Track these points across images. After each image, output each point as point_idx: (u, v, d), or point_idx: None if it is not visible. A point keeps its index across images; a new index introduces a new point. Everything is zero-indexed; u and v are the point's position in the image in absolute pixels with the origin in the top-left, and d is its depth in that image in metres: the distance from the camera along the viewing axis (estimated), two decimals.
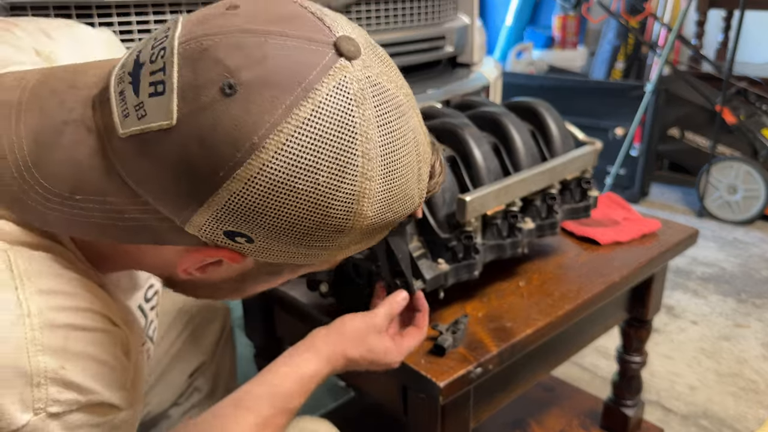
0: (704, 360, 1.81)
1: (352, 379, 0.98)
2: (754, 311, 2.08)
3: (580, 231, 1.14)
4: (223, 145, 0.43)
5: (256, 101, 0.42)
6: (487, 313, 0.89)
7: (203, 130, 0.43)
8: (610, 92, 3.10)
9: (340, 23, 0.49)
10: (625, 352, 1.28)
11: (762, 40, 3.78)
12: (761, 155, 2.79)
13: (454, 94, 1.57)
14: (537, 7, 4.46)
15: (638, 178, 3.06)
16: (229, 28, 0.44)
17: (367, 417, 1.38)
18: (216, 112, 0.42)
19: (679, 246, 1.15)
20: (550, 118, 1.03)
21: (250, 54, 0.43)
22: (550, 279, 0.99)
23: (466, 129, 0.91)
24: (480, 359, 0.78)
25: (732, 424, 1.54)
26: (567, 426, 1.35)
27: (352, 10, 1.40)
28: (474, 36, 1.80)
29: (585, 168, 1.02)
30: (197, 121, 0.43)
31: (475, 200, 0.82)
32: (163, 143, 0.43)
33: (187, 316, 1.03)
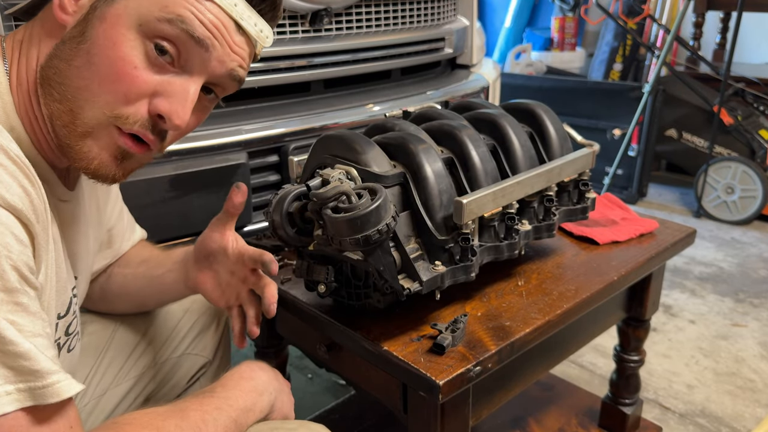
0: (702, 359, 1.82)
1: (352, 377, 0.99)
2: (752, 310, 2.09)
3: (578, 231, 1.15)
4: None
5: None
6: (486, 312, 0.90)
7: None
8: (608, 93, 3.11)
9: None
10: (623, 351, 1.29)
11: (759, 41, 3.79)
12: (758, 155, 2.80)
13: (453, 95, 1.58)
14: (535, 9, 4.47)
15: (636, 178, 3.07)
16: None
17: (367, 415, 1.39)
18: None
19: (677, 246, 1.15)
20: (548, 120, 1.04)
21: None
22: (548, 278, 1.00)
23: (464, 131, 0.92)
24: (479, 358, 0.79)
25: (729, 423, 1.55)
26: (565, 424, 1.36)
27: (352, 12, 1.41)
28: (473, 37, 1.81)
29: (583, 170, 1.03)
30: None
31: (472, 202, 0.82)
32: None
33: (194, 318, 1.05)
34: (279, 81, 1.33)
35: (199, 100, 0.68)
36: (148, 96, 0.63)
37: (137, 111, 0.62)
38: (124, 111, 0.62)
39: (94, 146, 0.63)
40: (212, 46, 0.64)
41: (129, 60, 0.61)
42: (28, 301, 0.52)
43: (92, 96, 0.61)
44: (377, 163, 0.84)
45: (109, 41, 0.60)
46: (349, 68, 1.44)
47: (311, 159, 0.92)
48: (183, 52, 0.63)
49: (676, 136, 3.08)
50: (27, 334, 0.51)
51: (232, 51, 0.66)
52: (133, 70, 0.61)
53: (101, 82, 0.61)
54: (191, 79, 0.64)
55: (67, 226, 0.73)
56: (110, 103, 0.61)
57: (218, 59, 0.65)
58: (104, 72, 0.60)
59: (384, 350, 0.81)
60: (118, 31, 0.60)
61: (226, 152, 1.19)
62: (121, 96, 0.61)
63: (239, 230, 1.26)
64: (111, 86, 0.61)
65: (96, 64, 0.60)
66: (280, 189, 0.86)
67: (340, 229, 0.77)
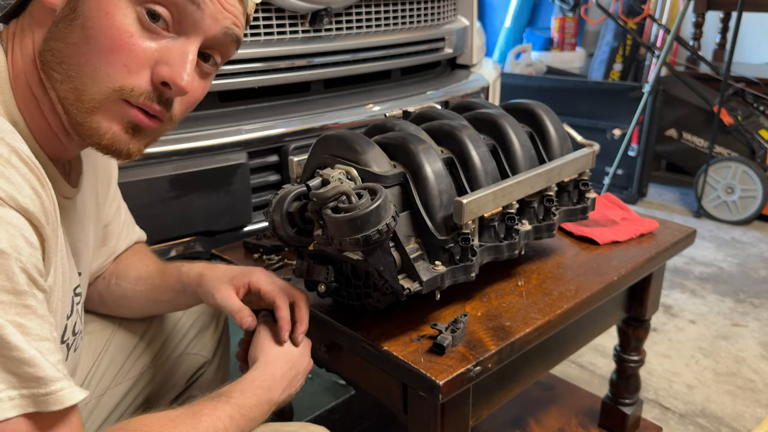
0: (702, 359, 1.82)
1: (352, 377, 0.99)
2: (752, 310, 2.09)
3: (578, 231, 1.15)
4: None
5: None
6: (486, 312, 0.90)
7: None
8: (608, 93, 3.11)
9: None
10: (623, 351, 1.29)
11: (759, 41, 3.79)
12: (758, 155, 2.80)
13: (453, 95, 1.58)
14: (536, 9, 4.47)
15: (636, 178, 3.07)
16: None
17: (367, 415, 1.39)
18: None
19: (677, 246, 1.15)
20: (548, 120, 1.04)
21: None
22: (548, 278, 1.00)
23: (464, 131, 0.92)
24: (479, 358, 0.79)
25: (729, 423, 1.55)
26: (566, 424, 1.36)
27: (352, 12, 1.41)
28: (473, 37, 1.81)
29: (583, 170, 1.03)
30: None
31: (472, 202, 0.82)
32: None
33: (193, 318, 1.05)
34: (279, 81, 1.33)
35: (200, 67, 0.68)
36: (148, 65, 0.62)
37: (141, 82, 0.62)
38: (128, 83, 0.61)
39: (103, 120, 0.63)
40: (203, 3, 0.63)
41: (124, 29, 0.60)
42: (36, 303, 0.52)
43: (94, 70, 0.61)
44: (377, 163, 0.84)
45: (102, 11, 0.59)
46: (349, 68, 1.44)
47: (311, 159, 0.92)
48: (175, 14, 0.62)
49: (676, 136, 3.08)
50: (34, 338, 0.51)
51: (224, 8, 0.65)
52: (129, 38, 0.60)
53: (100, 55, 0.60)
54: (188, 40, 0.64)
55: (70, 224, 0.73)
56: (112, 75, 0.61)
57: (211, 17, 0.64)
58: (102, 44, 0.60)
59: (384, 350, 0.81)
60: (109, 1, 0.60)
61: (226, 152, 1.20)
62: (122, 67, 0.61)
63: (239, 230, 1.26)
64: (110, 57, 0.60)
65: (92, 36, 0.60)
66: (280, 189, 0.86)
67: (340, 229, 0.77)
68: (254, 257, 1.08)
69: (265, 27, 1.27)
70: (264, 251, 1.09)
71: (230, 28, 0.66)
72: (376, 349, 0.82)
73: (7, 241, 0.50)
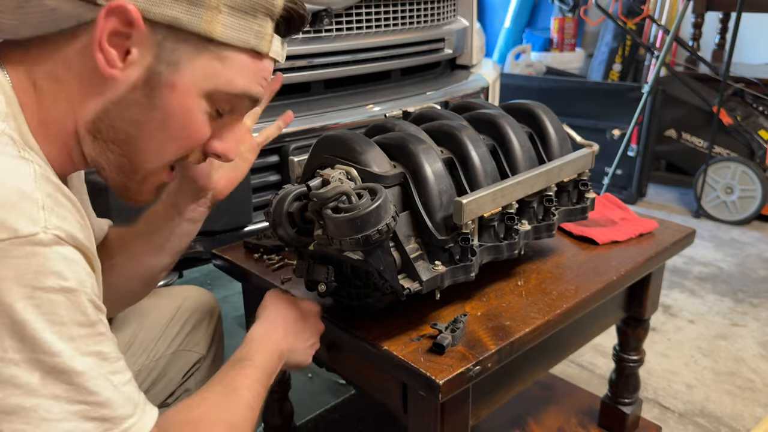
0: (701, 359, 1.82)
1: (352, 376, 0.99)
2: (751, 310, 2.09)
3: (578, 231, 1.16)
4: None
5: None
6: (486, 312, 0.90)
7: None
8: (608, 93, 3.11)
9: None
10: (623, 350, 1.29)
11: (758, 42, 3.80)
12: (758, 156, 2.80)
13: (452, 95, 1.59)
14: (535, 10, 4.48)
15: (635, 178, 3.07)
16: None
17: (367, 414, 1.39)
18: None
19: (676, 245, 1.16)
20: (547, 120, 1.04)
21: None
22: (548, 278, 1.00)
23: (464, 131, 0.92)
24: (479, 357, 0.79)
25: (728, 422, 1.55)
26: (565, 424, 1.36)
27: (352, 13, 1.41)
28: (473, 38, 1.81)
29: (582, 170, 1.03)
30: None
31: (472, 202, 0.83)
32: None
33: (186, 315, 1.05)
34: None
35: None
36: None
37: (195, 153, 0.70)
38: (184, 156, 0.68)
39: (150, 186, 0.70)
40: (260, 95, 0.68)
41: (202, 124, 0.66)
42: (105, 328, 0.57)
43: (163, 153, 0.66)
44: (377, 164, 0.84)
45: (184, 109, 0.64)
46: (350, 69, 1.45)
47: (311, 159, 0.92)
48: (237, 104, 0.68)
49: (675, 137, 3.09)
50: (112, 360, 0.57)
51: (264, 86, 0.69)
52: (203, 129, 0.67)
53: (173, 141, 0.66)
54: (237, 118, 0.70)
55: None
56: (176, 156, 0.68)
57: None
58: (177, 135, 0.65)
59: (384, 350, 0.82)
60: (191, 100, 0.63)
61: None
62: (187, 149, 0.68)
63: (239, 230, 1.26)
64: (182, 143, 0.66)
65: (171, 129, 0.64)
66: (281, 189, 0.86)
67: (340, 229, 0.77)
68: (254, 257, 1.08)
69: None
70: (264, 251, 1.09)
71: (259, 96, 0.69)
72: (376, 349, 0.83)
73: (74, 278, 0.54)
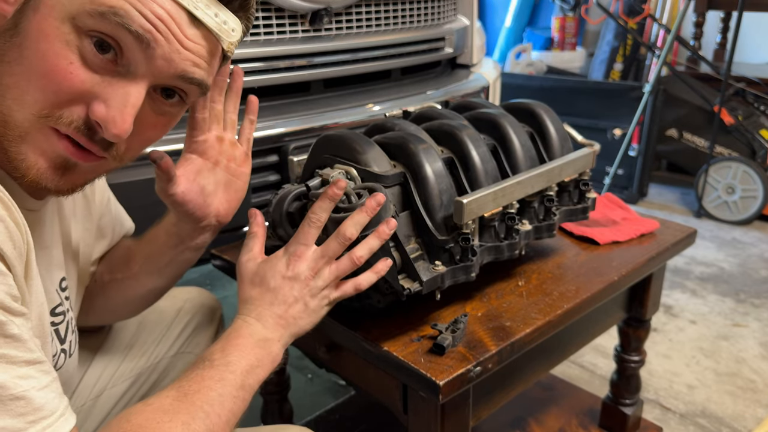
0: (702, 359, 1.82)
1: (352, 377, 0.99)
2: (753, 311, 2.09)
3: (578, 231, 1.15)
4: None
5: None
6: (486, 313, 0.90)
7: None
8: (609, 93, 3.11)
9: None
10: (624, 351, 1.28)
11: (760, 41, 3.79)
12: (759, 155, 2.80)
13: (453, 95, 1.58)
14: (536, 9, 4.47)
15: (636, 178, 3.07)
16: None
17: (367, 415, 1.39)
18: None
19: (678, 246, 1.15)
20: (548, 120, 1.04)
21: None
22: (549, 278, 1.00)
23: (464, 131, 0.92)
24: (479, 358, 0.79)
25: (730, 423, 1.55)
26: (566, 424, 1.36)
27: (352, 12, 1.41)
28: (473, 37, 1.80)
29: (583, 170, 1.03)
30: None
31: (472, 202, 0.82)
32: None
33: (187, 317, 1.05)
34: (279, 81, 1.33)
35: (159, 105, 0.61)
36: (84, 98, 0.56)
37: (72, 112, 0.56)
38: (56, 109, 0.55)
39: (30, 152, 0.56)
40: (155, 41, 0.55)
41: (63, 54, 0.54)
42: (17, 331, 0.51)
43: (21, 94, 0.54)
44: (377, 163, 0.84)
45: (41, 33, 0.53)
46: (349, 68, 1.44)
47: (311, 159, 0.92)
48: (124, 50, 0.55)
49: (676, 136, 3.08)
50: (20, 364, 0.50)
51: (183, 47, 0.57)
52: (68, 65, 0.54)
53: (30, 78, 0.54)
54: (133, 82, 0.57)
55: (39, 236, 0.68)
56: (39, 102, 0.54)
57: (164, 57, 0.57)
58: (34, 66, 0.53)
59: (384, 350, 0.81)
60: (51, 23, 0.53)
61: None
62: (51, 94, 0.54)
63: (238, 230, 1.26)
64: (40, 82, 0.54)
65: (27, 57, 0.54)
66: (280, 189, 0.86)
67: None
68: None
69: (264, 27, 1.27)
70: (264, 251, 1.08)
71: (188, 71, 0.58)
72: (376, 349, 0.82)
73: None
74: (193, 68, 0.59)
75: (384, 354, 0.81)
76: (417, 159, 0.84)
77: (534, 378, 1.03)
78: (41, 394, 0.51)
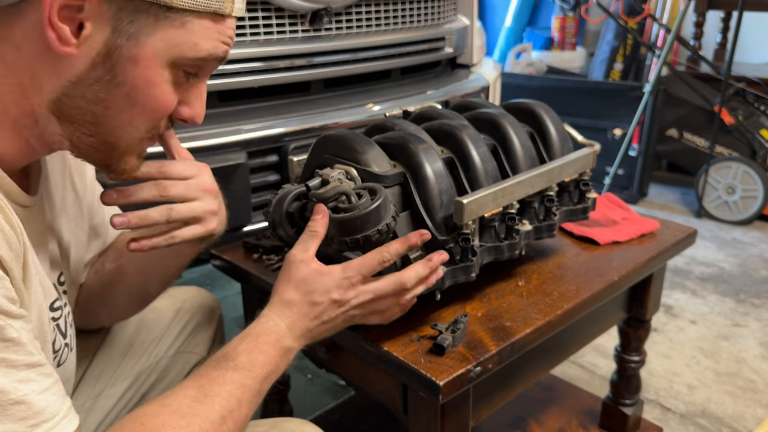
0: (703, 359, 1.82)
1: (352, 377, 0.99)
2: (753, 311, 2.09)
3: (579, 231, 1.15)
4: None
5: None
6: (486, 313, 0.89)
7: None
8: (609, 93, 3.11)
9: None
10: (624, 351, 1.28)
11: (760, 41, 3.79)
12: (759, 155, 2.80)
13: (453, 95, 1.58)
14: (536, 9, 4.47)
15: (637, 178, 3.07)
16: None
17: (367, 415, 1.39)
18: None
19: (678, 246, 1.15)
20: (548, 120, 1.04)
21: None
22: (549, 279, 0.99)
23: (465, 131, 0.92)
24: (479, 358, 0.79)
25: (730, 423, 1.55)
26: (566, 425, 1.36)
27: (352, 11, 1.41)
28: (473, 37, 1.80)
29: (583, 170, 1.03)
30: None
31: (472, 202, 0.82)
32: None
33: (187, 317, 1.05)
34: (279, 81, 1.32)
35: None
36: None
37: (166, 121, 0.67)
38: (157, 126, 0.66)
39: (132, 159, 0.68)
40: (225, 54, 0.66)
41: (169, 94, 0.64)
42: (16, 334, 0.51)
43: (135, 129, 0.64)
44: (377, 163, 0.84)
45: (149, 82, 0.61)
46: (349, 68, 1.44)
47: (311, 159, 0.92)
48: (203, 67, 0.66)
49: (676, 136, 3.08)
50: (20, 368, 0.51)
51: (230, 45, 0.67)
52: (171, 98, 0.64)
53: (143, 115, 0.64)
54: (202, 80, 0.68)
55: (34, 232, 0.69)
56: (149, 128, 0.66)
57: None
58: (148, 108, 0.63)
59: (384, 351, 0.81)
60: (156, 72, 0.61)
61: (225, 152, 1.19)
62: (159, 120, 0.66)
63: (238, 230, 1.26)
64: (152, 115, 0.64)
65: (139, 104, 0.62)
66: (280, 189, 0.86)
67: (340, 229, 0.76)
68: (254, 257, 1.08)
69: (264, 26, 1.27)
70: (264, 251, 1.08)
71: (227, 53, 0.67)
72: (376, 350, 0.82)
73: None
74: (227, 49, 0.67)
75: (384, 354, 0.81)
76: (417, 159, 0.84)
77: (534, 378, 1.03)
78: (41, 398, 0.52)
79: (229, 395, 0.64)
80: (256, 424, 0.75)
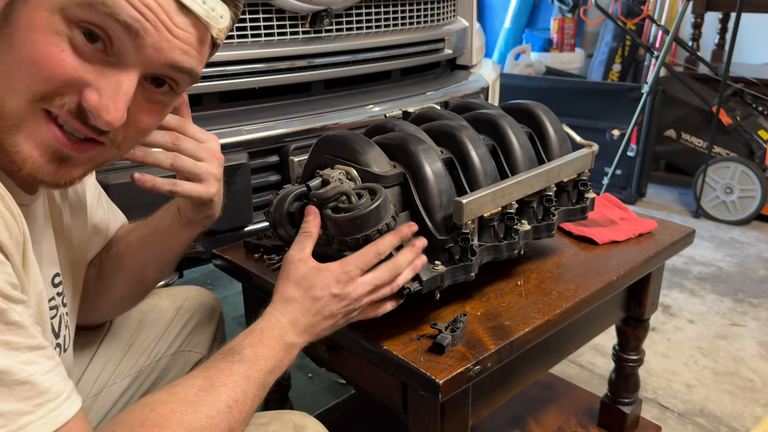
0: (701, 358, 1.83)
1: (352, 376, 0.99)
2: (751, 310, 2.09)
3: (577, 231, 1.16)
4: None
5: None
6: (485, 312, 0.90)
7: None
8: (608, 94, 3.11)
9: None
10: (622, 350, 1.29)
11: (758, 42, 3.80)
12: (757, 156, 2.80)
13: (452, 95, 1.59)
14: (535, 10, 4.48)
15: (635, 178, 3.07)
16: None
17: (367, 414, 1.39)
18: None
19: (676, 245, 1.16)
20: (547, 120, 1.05)
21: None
22: (548, 278, 1.00)
23: (464, 131, 0.92)
24: (479, 357, 0.79)
25: (728, 422, 1.55)
26: (565, 423, 1.36)
27: (352, 13, 1.41)
28: (473, 38, 1.81)
29: (582, 170, 1.03)
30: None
31: (472, 202, 0.83)
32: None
33: (187, 315, 1.05)
34: (279, 81, 1.33)
35: (151, 94, 0.62)
36: (76, 86, 0.56)
37: (63, 98, 0.56)
38: (50, 92, 0.55)
39: (24, 143, 0.56)
40: (144, 30, 0.55)
41: (54, 42, 0.54)
42: (18, 318, 0.51)
43: (13, 83, 0.54)
44: (377, 164, 0.84)
45: (32, 23, 0.53)
46: (350, 69, 1.45)
47: (311, 159, 0.92)
48: (113, 39, 0.55)
49: (675, 137, 3.09)
50: (23, 350, 0.51)
51: (172, 36, 0.58)
52: (60, 52, 0.54)
53: (21, 66, 0.54)
54: (124, 71, 0.57)
55: (32, 231, 0.68)
56: (31, 88, 0.54)
57: (154, 46, 0.57)
58: (25, 54, 0.54)
59: (384, 350, 0.82)
60: (41, 14, 0.53)
61: (226, 152, 1.19)
62: (43, 81, 0.54)
63: (239, 230, 1.26)
64: (32, 69, 0.54)
65: (17, 47, 0.54)
66: (281, 189, 0.86)
67: (340, 229, 0.77)
68: (255, 257, 1.09)
69: (265, 28, 1.27)
70: (264, 251, 1.09)
71: (177, 60, 0.59)
72: (375, 349, 0.83)
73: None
74: (183, 56, 0.59)
75: (384, 353, 0.82)
76: (417, 159, 0.84)
77: (533, 377, 1.03)
78: (45, 378, 0.52)
79: (235, 386, 0.65)
80: (258, 416, 0.76)
